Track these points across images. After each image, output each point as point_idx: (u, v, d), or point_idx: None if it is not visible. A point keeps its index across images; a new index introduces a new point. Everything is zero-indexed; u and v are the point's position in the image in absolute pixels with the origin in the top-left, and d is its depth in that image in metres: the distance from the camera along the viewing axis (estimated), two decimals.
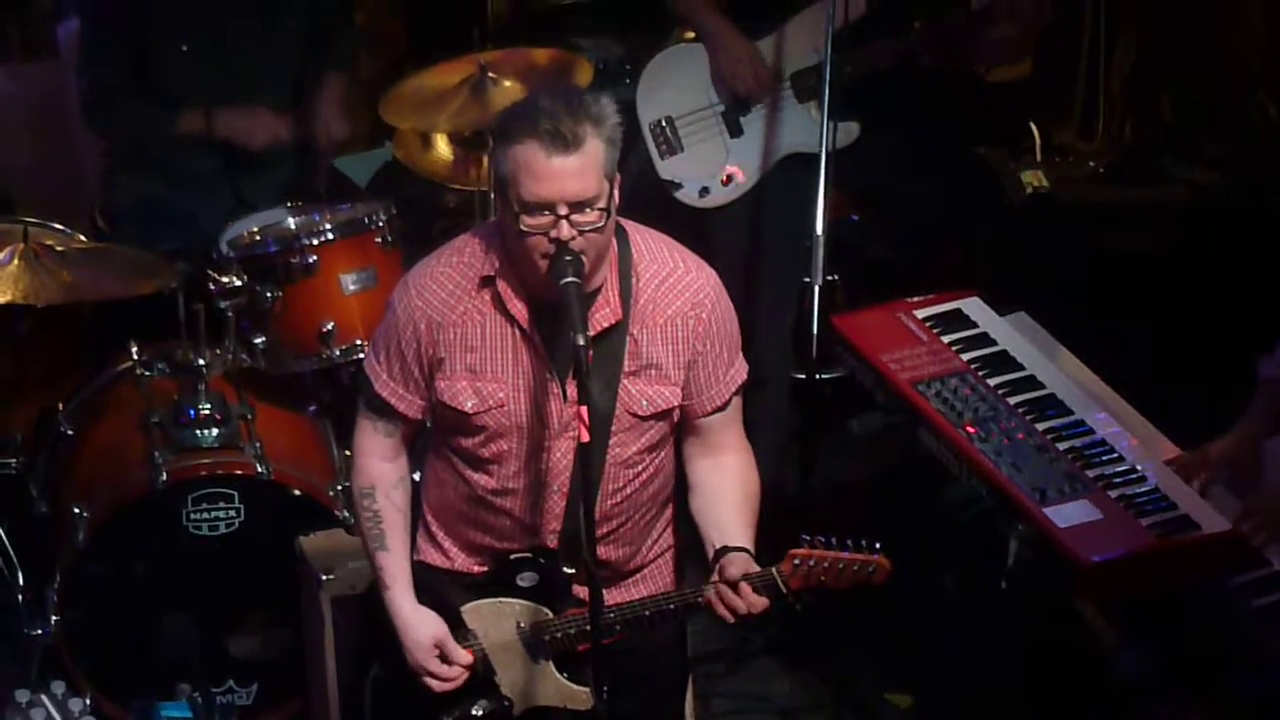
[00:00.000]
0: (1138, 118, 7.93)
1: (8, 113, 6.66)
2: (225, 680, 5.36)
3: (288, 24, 6.07)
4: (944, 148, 6.16)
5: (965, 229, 6.37)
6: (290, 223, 5.70)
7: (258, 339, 5.52)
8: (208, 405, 5.36)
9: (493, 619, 4.19)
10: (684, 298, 4.07)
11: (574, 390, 3.92)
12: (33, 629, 5.26)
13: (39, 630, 5.25)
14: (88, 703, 4.26)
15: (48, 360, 5.59)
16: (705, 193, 6.00)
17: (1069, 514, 4.44)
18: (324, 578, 5.02)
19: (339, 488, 5.34)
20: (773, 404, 5.94)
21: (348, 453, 4.90)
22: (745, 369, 4.21)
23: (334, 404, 5.62)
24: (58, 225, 5.73)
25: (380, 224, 5.57)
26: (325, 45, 6.18)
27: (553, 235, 3.90)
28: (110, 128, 6.12)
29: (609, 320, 4.04)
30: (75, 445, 5.52)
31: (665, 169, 6.01)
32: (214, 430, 5.35)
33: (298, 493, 5.29)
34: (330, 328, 5.48)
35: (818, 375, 5.56)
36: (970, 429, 4.66)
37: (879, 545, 4.03)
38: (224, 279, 5.45)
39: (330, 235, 5.54)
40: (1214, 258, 6.94)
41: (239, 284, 5.45)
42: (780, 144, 5.97)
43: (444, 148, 6.68)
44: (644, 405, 4.09)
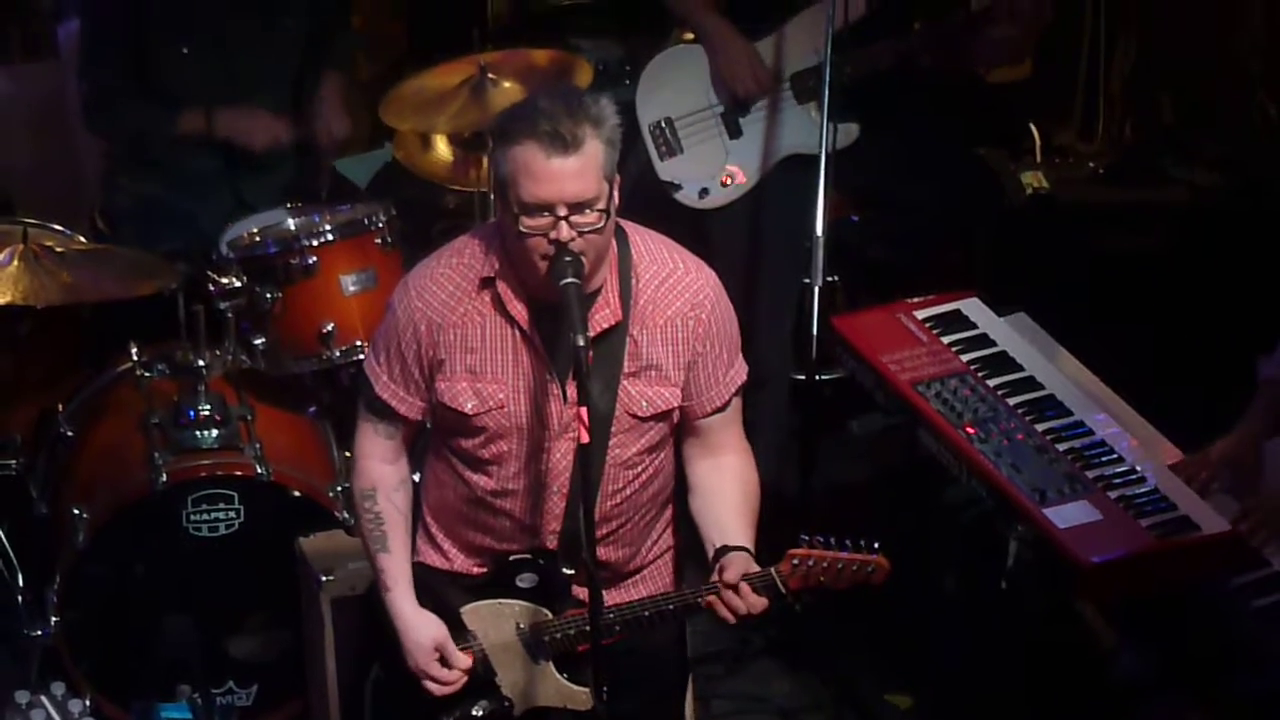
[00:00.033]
0: (1138, 119, 7.93)
1: (8, 113, 6.65)
2: (225, 681, 5.35)
3: (287, 25, 6.07)
4: (944, 149, 6.15)
5: (965, 230, 6.37)
6: (290, 224, 5.71)
7: (258, 340, 5.51)
8: (208, 406, 5.36)
9: (492, 620, 4.19)
10: (684, 298, 4.07)
11: (574, 391, 3.92)
12: (32, 630, 5.25)
13: (39, 631, 5.24)
14: (87, 704, 4.28)
15: (47, 361, 5.58)
16: (705, 194, 6.00)
17: (1069, 515, 4.44)
18: (324, 579, 5.02)
19: (339, 489, 5.34)
20: (773, 405, 5.94)
21: (348, 454, 4.90)
22: (745, 370, 4.21)
23: (334, 405, 5.61)
24: (57, 226, 5.72)
25: (380, 225, 5.57)
26: (324, 46, 6.18)
27: (552, 236, 3.89)
28: (111, 129, 6.12)
29: (609, 321, 4.04)
30: (75, 446, 5.52)
31: (665, 170, 6.01)
32: (214, 431, 5.35)
33: (298, 494, 5.29)
34: (330, 329, 5.48)
35: (818, 376, 5.56)
36: (970, 430, 4.66)
37: (878, 545, 4.04)
38: (224, 280, 5.45)
39: (330, 236, 5.54)
40: (1214, 258, 6.94)
41: (239, 285, 5.45)
42: (780, 145, 5.97)
43: (444, 149, 6.68)
44: (644, 406, 4.09)
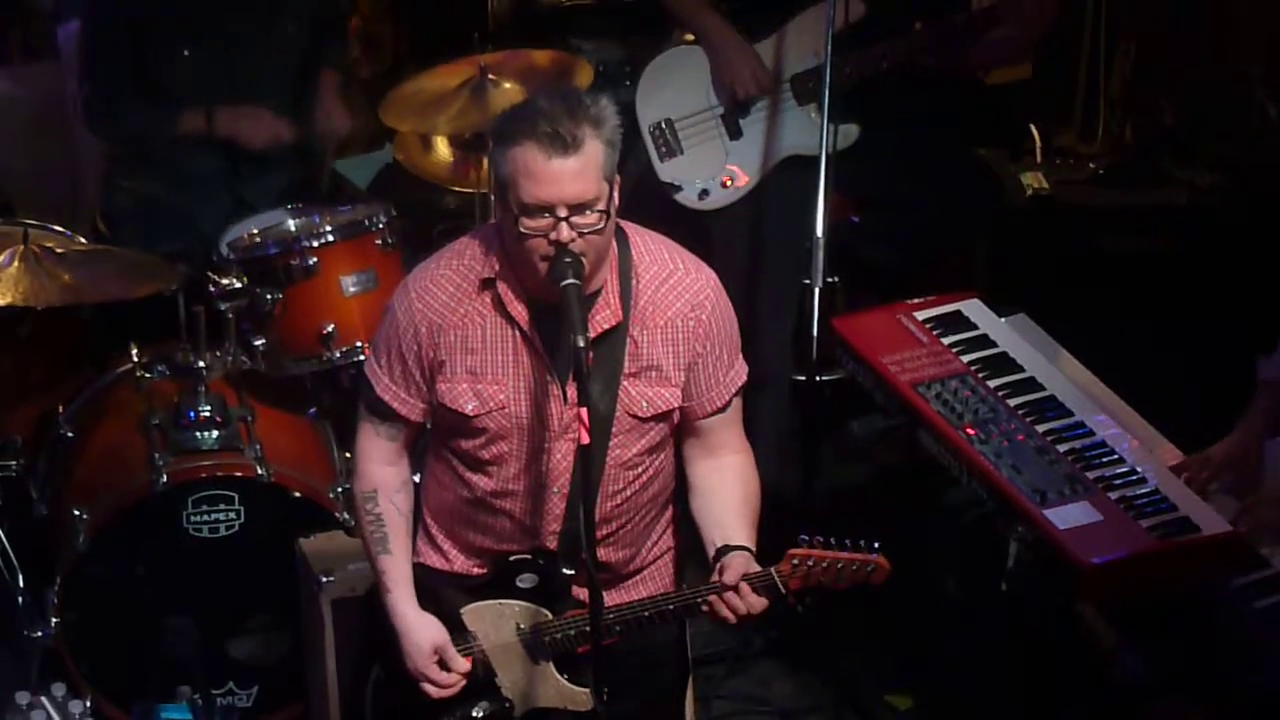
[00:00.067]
0: (1138, 120, 7.93)
1: (8, 114, 6.65)
2: (225, 682, 5.35)
3: (287, 27, 6.07)
4: (944, 150, 6.15)
5: (965, 231, 6.37)
6: (290, 225, 5.71)
7: (258, 341, 5.51)
8: (208, 407, 5.36)
9: (493, 620, 4.19)
10: (684, 299, 4.06)
11: (574, 392, 3.91)
12: (33, 631, 5.25)
13: (39, 632, 5.24)
14: (88, 705, 4.29)
15: (48, 362, 5.58)
16: (705, 195, 6.01)
17: (1069, 516, 4.44)
18: (324, 580, 5.02)
19: (339, 490, 5.34)
20: (773, 406, 5.94)
21: (348, 455, 4.90)
22: (745, 370, 4.21)
23: (334, 406, 5.62)
24: (58, 227, 5.73)
25: (380, 226, 5.57)
26: (322, 46, 6.18)
27: (552, 237, 3.89)
28: (112, 131, 6.12)
29: (609, 322, 4.03)
30: (75, 447, 5.52)
31: (665, 171, 6.01)
32: (214, 432, 5.35)
33: (298, 495, 5.28)
34: (330, 330, 5.48)
35: (818, 377, 5.56)
36: (970, 431, 4.66)
37: (878, 545, 4.04)
38: (224, 281, 5.44)
39: (330, 237, 5.54)
40: (1215, 259, 6.94)
41: (239, 286, 5.44)
42: (780, 146, 5.97)
43: (444, 150, 6.69)
44: (644, 407, 4.09)
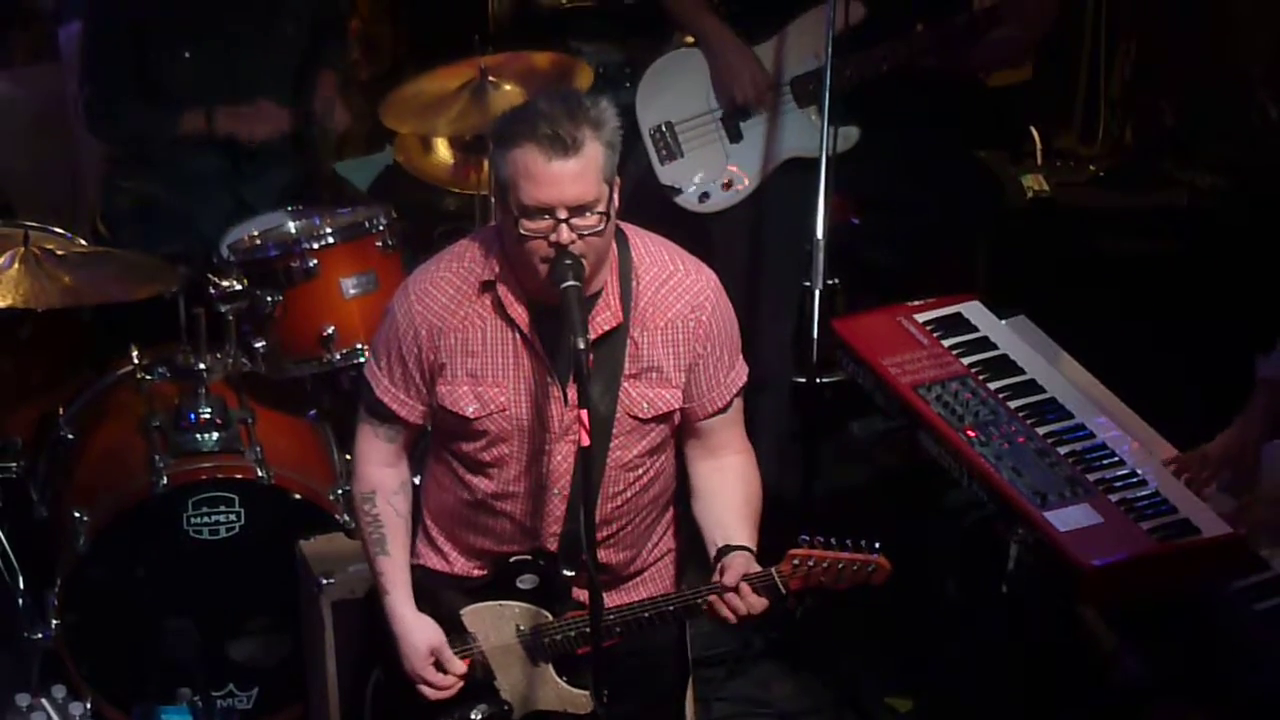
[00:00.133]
0: (1138, 121, 7.92)
1: (9, 116, 6.65)
2: (226, 684, 5.34)
3: (287, 28, 6.07)
4: (944, 151, 6.15)
5: (966, 233, 6.36)
6: (290, 226, 5.71)
7: (258, 343, 5.51)
8: (208, 409, 5.36)
9: (492, 622, 4.19)
10: (684, 300, 4.07)
11: (574, 394, 3.91)
12: (33, 633, 5.25)
13: (39, 634, 5.24)
14: (88, 707, 4.28)
15: (48, 364, 5.58)
16: (705, 198, 6.00)
17: (1069, 518, 4.44)
18: (324, 582, 5.02)
19: (339, 492, 5.33)
20: (773, 407, 5.93)
21: (348, 457, 4.90)
22: (746, 371, 4.21)
23: (334, 408, 5.61)
24: (58, 229, 5.73)
25: (381, 228, 5.57)
26: (321, 47, 6.18)
27: (552, 239, 3.89)
28: (113, 133, 6.12)
29: (609, 323, 4.03)
30: (76, 449, 5.52)
31: (665, 174, 6.01)
32: (214, 434, 5.35)
33: (298, 497, 5.28)
34: (330, 332, 5.48)
35: (818, 379, 5.56)
36: (971, 433, 4.66)
37: (878, 545, 4.04)
38: (224, 283, 5.44)
39: (330, 239, 5.54)
40: (1215, 261, 6.93)
41: (239, 288, 5.44)
42: (780, 149, 5.97)
43: (444, 152, 6.68)
44: (645, 408, 4.09)
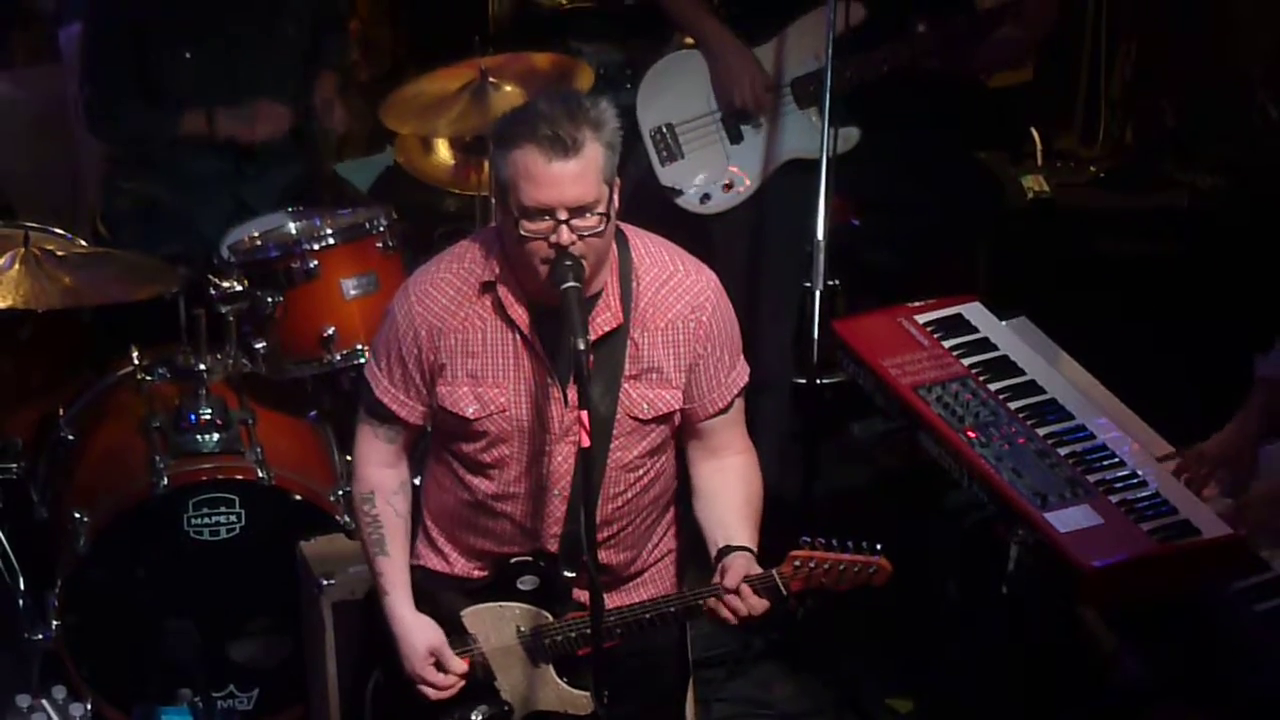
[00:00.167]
0: (1139, 122, 7.92)
1: (9, 117, 6.65)
2: (226, 685, 5.34)
3: (287, 29, 6.07)
4: (945, 152, 6.14)
5: (966, 234, 6.36)
6: (291, 227, 5.71)
7: (259, 344, 5.51)
8: (209, 410, 5.36)
9: (493, 623, 4.19)
10: (684, 301, 4.07)
11: (575, 395, 3.92)
12: (33, 634, 5.24)
13: (40, 635, 5.23)
14: (88, 708, 4.27)
15: (48, 365, 5.58)
16: (706, 199, 6.00)
17: (1070, 519, 4.43)
18: (325, 583, 5.02)
19: (340, 493, 5.33)
20: (774, 408, 5.93)
21: (348, 458, 4.89)
22: (747, 371, 4.21)
23: (335, 409, 5.61)
24: (58, 230, 5.72)
25: (381, 229, 5.57)
26: (321, 48, 6.18)
27: (553, 240, 3.89)
28: (113, 134, 6.12)
29: (610, 324, 4.04)
30: (76, 450, 5.52)
31: (666, 175, 6.00)
32: (215, 435, 5.35)
33: (299, 498, 5.28)
34: (331, 333, 5.48)
35: (819, 380, 5.56)
36: (971, 434, 4.66)
37: (879, 547, 4.04)
38: (225, 284, 5.44)
39: (331, 240, 5.53)
40: (1216, 262, 6.93)
41: (240, 289, 5.44)
42: (781, 150, 5.96)
43: (445, 153, 6.68)
44: (645, 409, 4.09)
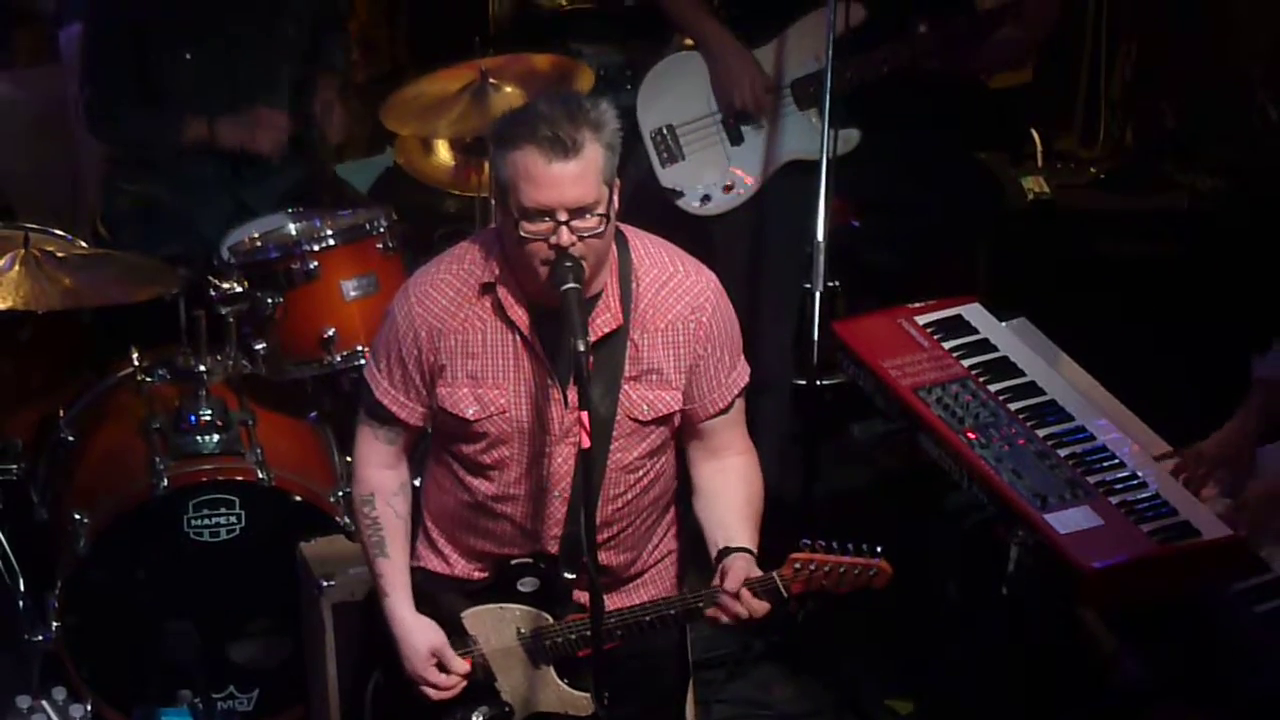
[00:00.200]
0: (1139, 123, 7.92)
1: (9, 118, 6.65)
2: (226, 686, 5.34)
3: (287, 29, 6.07)
4: (945, 153, 6.14)
5: (966, 235, 6.36)
6: (291, 229, 5.71)
7: (259, 345, 5.51)
8: (209, 411, 5.36)
9: (493, 625, 4.19)
10: (684, 302, 4.07)
11: (575, 396, 3.92)
12: (33, 635, 5.24)
13: (40, 636, 5.23)
14: (88, 709, 4.29)
15: (48, 366, 5.58)
16: (706, 200, 6.00)
17: (1070, 520, 4.43)
18: (325, 584, 5.01)
19: (340, 494, 5.33)
20: (774, 410, 5.93)
21: (349, 459, 4.89)
22: (747, 371, 4.21)
23: (335, 410, 5.62)
24: (58, 231, 5.73)
25: (381, 230, 5.57)
26: (320, 49, 6.18)
27: (553, 241, 3.89)
28: (114, 135, 6.11)
29: (609, 326, 4.04)
30: (76, 451, 5.52)
31: (666, 177, 6.00)
32: (215, 436, 5.35)
33: (299, 499, 5.28)
34: (331, 334, 5.48)
35: (819, 381, 5.56)
36: (971, 435, 4.66)
37: (879, 549, 4.04)
38: (225, 285, 5.44)
39: (331, 241, 5.53)
40: (1216, 263, 6.93)
41: (240, 290, 5.44)
42: (781, 151, 5.96)
43: (445, 154, 6.68)
44: (645, 410, 4.09)
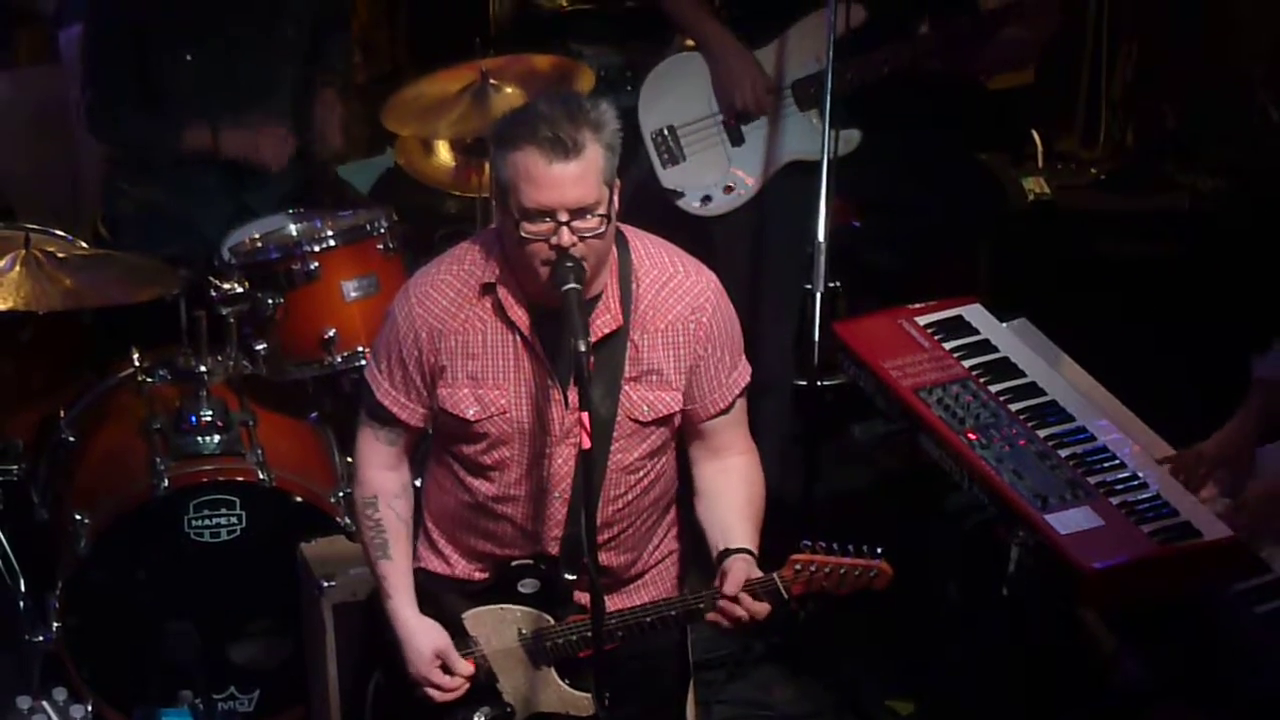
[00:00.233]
0: (1140, 124, 7.92)
1: (9, 118, 6.65)
2: (227, 687, 5.34)
3: (287, 30, 6.07)
4: (946, 154, 6.15)
5: (967, 236, 6.37)
6: (292, 229, 5.71)
7: (259, 346, 5.51)
8: (209, 412, 5.36)
9: (494, 626, 4.19)
10: (684, 302, 4.07)
11: (575, 397, 3.92)
12: (34, 635, 5.25)
13: (40, 637, 5.24)
14: (89, 709, 4.29)
15: (49, 367, 5.58)
16: (707, 201, 6.00)
17: (1070, 521, 4.43)
18: (325, 585, 5.02)
19: (340, 494, 5.33)
20: (775, 410, 5.93)
21: (349, 460, 4.90)
22: (748, 371, 4.21)
23: (336, 411, 5.62)
24: (59, 232, 5.73)
25: (382, 231, 5.57)
26: (323, 55, 6.17)
27: (553, 242, 3.89)
28: (114, 137, 6.11)
29: (609, 326, 4.03)
30: (77, 452, 5.52)
31: (667, 178, 6.00)
32: (215, 437, 5.35)
33: (299, 499, 5.28)
34: (332, 335, 5.48)
35: (819, 382, 5.56)
36: (971, 435, 4.66)
37: (880, 550, 4.04)
38: (226, 285, 5.44)
39: (332, 242, 5.54)
40: (1217, 264, 6.93)
41: (241, 291, 5.45)
42: (782, 152, 5.96)
43: (445, 154, 6.68)
44: (645, 411, 4.09)
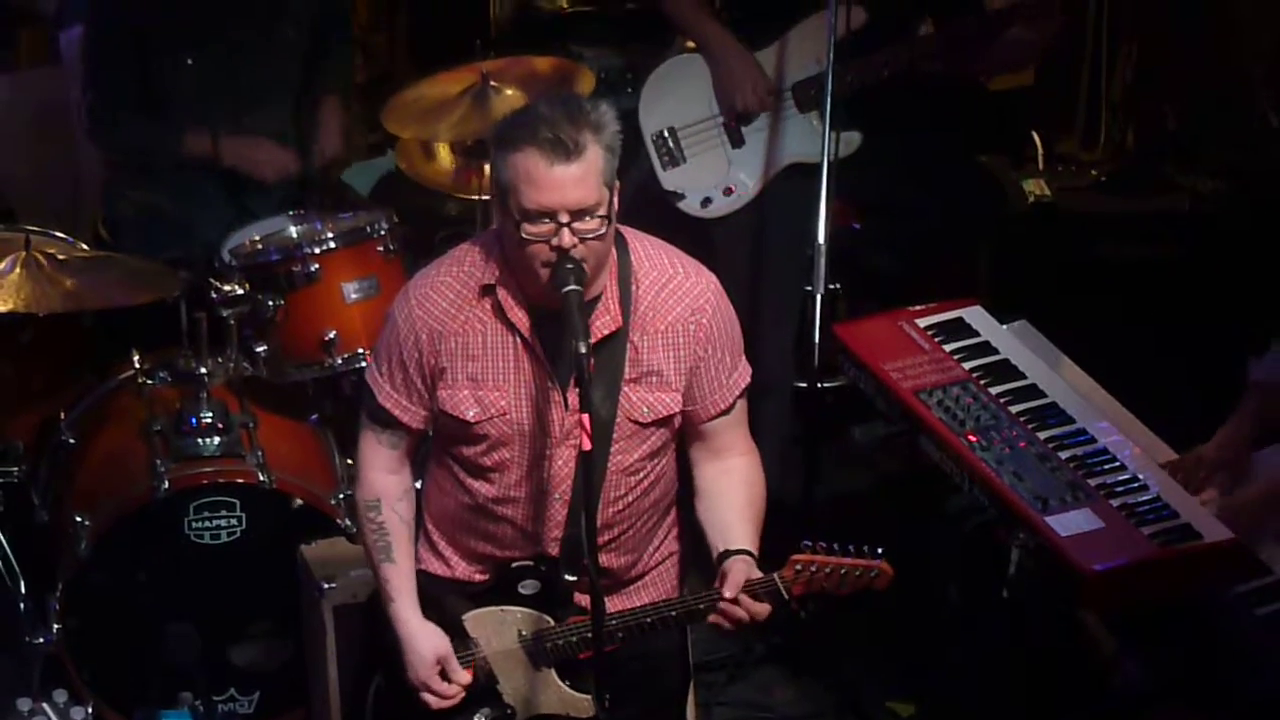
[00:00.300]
0: (1140, 126, 7.93)
1: (9, 120, 6.65)
2: (227, 689, 5.34)
3: (288, 33, 6.06)
4: (946, 156, 6.15)
5: (967, 238, 6.37)
6: (292, 231, 5.71)
7: (260, 347, 5.51)
8: (209, 414, 5.36)
9: (494, 627, 4.19)
10: (684, 304, 4.07)
11: (575, 398, 3.92)
12: (34, 637, 5.24)
13: (41, 639, 5.23)
14: (89, 711, 4.29)
15: (49, 369, 5.58)
16: (708, 203, 6.00)
17: (1070, 523, 4.42)
18: (326, 586, 5.02)
19: (341, 496, 5.33)
20: (775, 412, 5.93)
21: (349, 461, 4.91)
22: (749, 372, 4.21)
23: (336, 413, 5.62)
24: (60, 234, 5.73)
25: (382, 232, 5.57)
26: (323, 61, 6.16)
27: (554, 243, 3.89)
28: (115, 142, 6.10)
29: (609, 328, 4.04)
30: (77, 454, 5.52)
31: (668, 180, 6.01)
32: (216, 439, 5.35)
33: (299, 501, 5.28)
34: (332, 336, 5.48)
35: (820, 384, 5.56)
36: (972, 438, 4.65)
37: (880, 551, 4.04)
38: (226, 287, 5.45)
39: (332, 244, 5.54)
40: (1217, 265, 6.93)
41: (241, 292, 5.45)
42: (782, 154, 5.97)
43: (445, 157, 6.69)
44: (645, 412, 4.09)
